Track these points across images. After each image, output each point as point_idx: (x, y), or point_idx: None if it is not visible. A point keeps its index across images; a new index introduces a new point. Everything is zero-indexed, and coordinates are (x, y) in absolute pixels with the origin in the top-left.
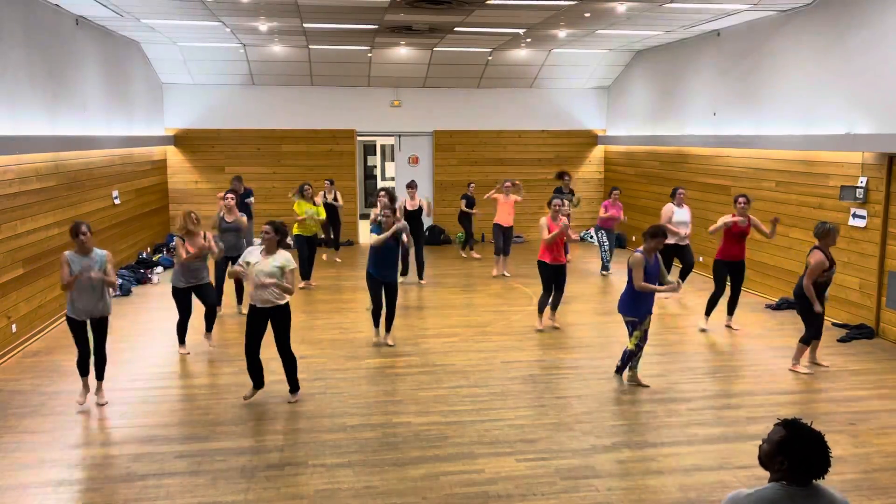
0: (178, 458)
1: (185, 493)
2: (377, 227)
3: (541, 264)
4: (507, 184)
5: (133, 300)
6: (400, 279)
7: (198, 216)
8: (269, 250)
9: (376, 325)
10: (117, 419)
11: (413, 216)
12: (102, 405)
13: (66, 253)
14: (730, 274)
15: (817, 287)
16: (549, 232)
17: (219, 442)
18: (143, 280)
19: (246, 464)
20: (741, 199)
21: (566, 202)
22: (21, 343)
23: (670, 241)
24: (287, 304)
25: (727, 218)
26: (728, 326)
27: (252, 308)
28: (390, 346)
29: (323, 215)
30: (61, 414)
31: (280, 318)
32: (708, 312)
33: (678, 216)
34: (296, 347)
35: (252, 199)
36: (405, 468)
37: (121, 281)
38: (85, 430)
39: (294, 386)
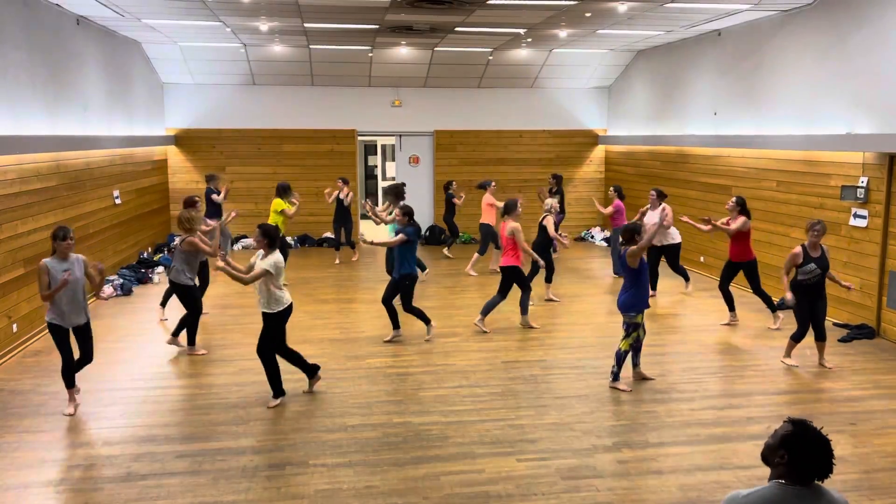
0: (179, 458)
1: (185, 493)
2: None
3: (514, 269)
4: (493, 185)
5: (134, 300)
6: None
7: (186, 218)
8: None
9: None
10: (117, 419)
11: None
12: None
13: (45, 261)
14: (744, 274)
15: (800, 283)
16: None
17: (219, 442)
18: (144, 280)
19: (246, 464)
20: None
21: (551, 202)
22: (22, 343)
23: (654, 241)
24: (270, 312)
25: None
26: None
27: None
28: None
29: (290, 209)
30: (61, 414)
31: (264, 322)
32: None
33: (646, 218)
34: (296, 347)
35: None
36: (406, 468)
37: (121, 281)
38: (85, 430)
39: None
